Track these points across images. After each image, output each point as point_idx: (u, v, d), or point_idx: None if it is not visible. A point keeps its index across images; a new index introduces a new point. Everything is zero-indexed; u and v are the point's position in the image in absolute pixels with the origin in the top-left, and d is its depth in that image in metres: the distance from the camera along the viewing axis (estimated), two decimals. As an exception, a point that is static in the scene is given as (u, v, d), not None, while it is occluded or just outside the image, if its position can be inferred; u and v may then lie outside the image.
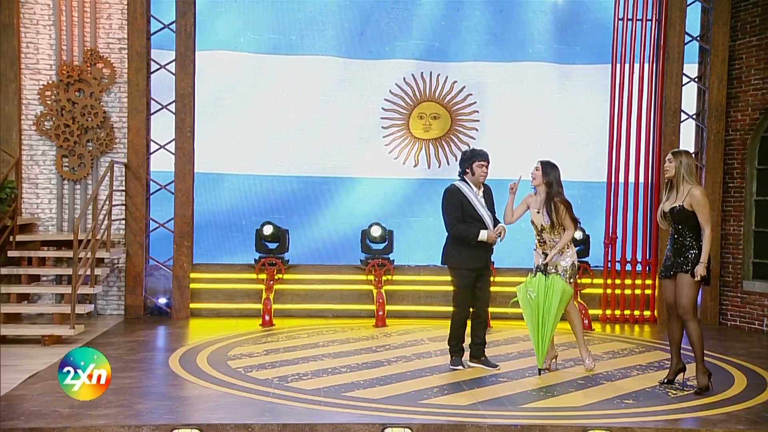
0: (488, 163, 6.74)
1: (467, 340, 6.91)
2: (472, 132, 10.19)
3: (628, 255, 9.86)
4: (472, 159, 6.71)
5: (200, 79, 9.69)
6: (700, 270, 5.97)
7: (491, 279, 7.04)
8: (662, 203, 6.20)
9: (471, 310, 6.81)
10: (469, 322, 6.85)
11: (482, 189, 6.79)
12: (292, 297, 9.73)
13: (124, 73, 9.52)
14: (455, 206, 6.65)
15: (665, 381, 6.35)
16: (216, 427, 5.05)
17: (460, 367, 6.77)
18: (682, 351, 6.34)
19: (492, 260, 7.03)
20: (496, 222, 6.76)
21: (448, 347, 6.91)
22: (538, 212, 6.60)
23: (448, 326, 6.88)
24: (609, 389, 6.21)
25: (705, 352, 6.23)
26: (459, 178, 6.82)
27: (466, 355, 6.93)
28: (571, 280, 6.63)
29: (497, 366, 6.85)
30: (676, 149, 6.32)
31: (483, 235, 6.59)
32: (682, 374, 6.33)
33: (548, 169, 6.60)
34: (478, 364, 6.86)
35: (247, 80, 10.03)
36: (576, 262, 6.74)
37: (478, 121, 10.21)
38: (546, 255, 6.61)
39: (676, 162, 6.01)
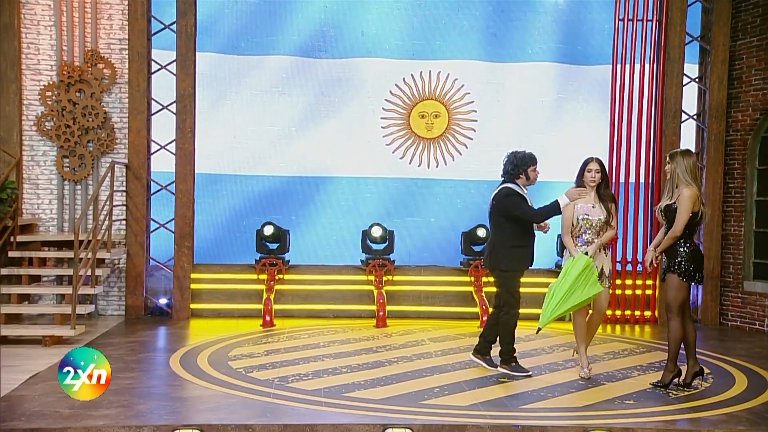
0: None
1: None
2: (469, 132, 10.19)
3: (628, 255, 9.86)
4: (527, 164, 6.63)
5: (200, 79, 9.69)
6: (648, 256, 6.20)
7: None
8: (662, 200, 6.29)
9: (490, 310, 6.74)
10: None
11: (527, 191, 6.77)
12: (293, 297, 9.73)
13: (125, 74, 9.53)
14: (521, 201, 6.58)
15: (681, 384, 6.27)
16: (217, 428, 5.05)
17: (528, 373, 6.61)
18: (680, 352, 6.34)
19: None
20: None
21: (504, 355, 6.71)
22: (594, 207, 6.46)
23: (451, 327, 6.86)
24: (610, 390, 6.21)
25: (706, 352, 6.24)
26: (504, 179, 6.72)
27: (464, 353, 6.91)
28: (608, 284, 6.53)
29: (497, 366, 6.82)
30: (674, 150, 6.33)
31: (564, 199, 6.49)
32: (699, 379, 6.32)
33: (604, 166, 6.58)
34: (481, 361, 6.84)
35: (247, 81, 10.02)
36: (610, 268, 6.61)
37: (476, 120, 10.21)
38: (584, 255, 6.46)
39: (673, 164, 6.13)
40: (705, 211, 6.20)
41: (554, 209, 6.52)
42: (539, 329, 6.43)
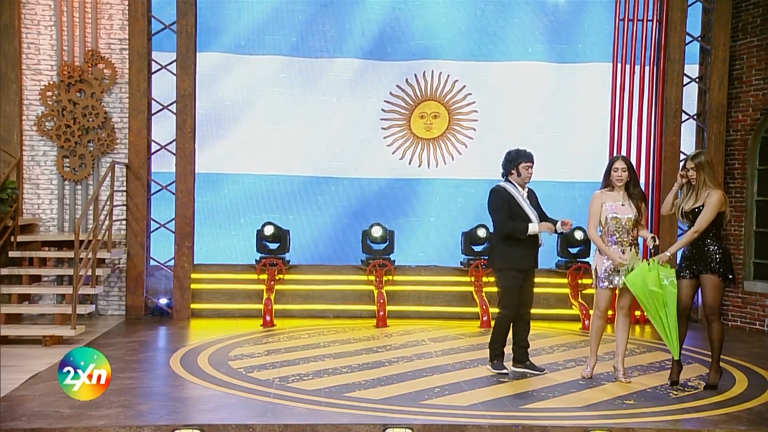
0: (533, 163, 6.62)
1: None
2: (470, 132, 10.19)
3: (628, 255, 9.84)
4: (518, 160, 6.57)
5: (201, 79, 9.69)
6: (662, 257, 6.22)
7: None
8: (682, 201, 6.29)
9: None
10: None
11: (527, 190, 6.68)
12: (293, 297, 9.73)
13: (125, 74, 9.53)
14: (502, 205, 6.53)
15: (670, 383, 6.33)
16: (217, 428, 5.06)
17: (505, 371, 6.63)
18: (683, 351, 6.36)
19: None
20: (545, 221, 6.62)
21: (490, 350, 6.74)
22: (623, 205, 6.40)
23: (451, 327, 6.86)
24: (610, 390, 6.21)
25: (706, 352, 6.26)
26: (503, 179, 6.70)
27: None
28: None
29: (543, 370, 6.75)
30: (694, 154, 6.31)
31: (533, 227, 6.44)
32: (699, 379, 6.32)
33: (631, 165, 6.52)
34: (523, 368, 6.76)
35: (247, 81, 10.02)
36: None
37: (476, 120, 10.20)
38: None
39: (698, 169, 6.16)
40: (728, 212, 6.23)
41: (521, 231, 6.45)
42: (678, 359, 6.35)
